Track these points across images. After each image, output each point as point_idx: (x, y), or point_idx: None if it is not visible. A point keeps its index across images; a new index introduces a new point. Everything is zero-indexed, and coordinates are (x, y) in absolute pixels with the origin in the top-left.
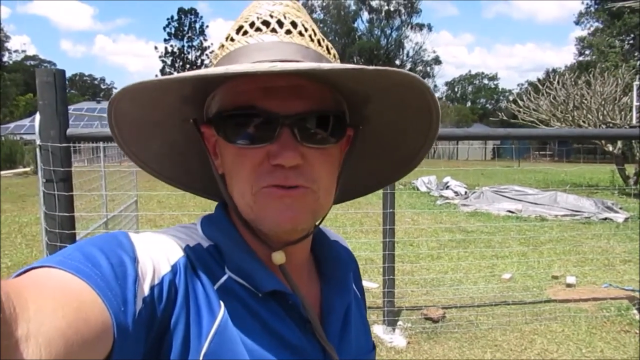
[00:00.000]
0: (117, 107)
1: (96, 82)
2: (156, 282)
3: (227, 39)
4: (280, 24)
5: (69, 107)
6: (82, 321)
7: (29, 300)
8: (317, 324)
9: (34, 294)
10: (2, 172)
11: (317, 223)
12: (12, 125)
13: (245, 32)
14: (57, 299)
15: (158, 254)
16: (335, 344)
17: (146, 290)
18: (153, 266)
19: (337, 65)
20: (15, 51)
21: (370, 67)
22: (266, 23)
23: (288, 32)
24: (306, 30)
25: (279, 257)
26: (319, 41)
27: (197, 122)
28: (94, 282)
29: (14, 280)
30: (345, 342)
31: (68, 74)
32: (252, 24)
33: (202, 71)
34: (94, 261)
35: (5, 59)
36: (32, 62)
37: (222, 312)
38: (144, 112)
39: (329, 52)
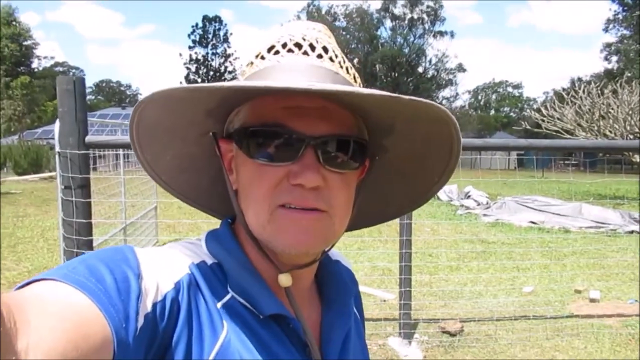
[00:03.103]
0: (143, 109)
1: (122, 88)
2: (159, 299)
3: (257, 56)
4: (312, 47)
5: (95, 112)
6: (82, 337)
7: (30, 315)
8: (315, 349)
9: (35, 308)
10: (28, 177)
11: (326, 249)
12: (40, 130)
13: (277, 52)
14: (58, 314)
15: (162, 270)
16: None
17: (149, 307)
18: (157, 283)
19: (375, 91)
20: (45, 57)
21: (406, 97)
22: (298, 45)
23: (319, 56)
24: (336, 56)
25: (285, 280)
26: (347, 69)
27: (216, 136)
28: (97, 297)
29: (15, 293)
30: None
31: (95, 80)
32: (284, 45)
33: (240, 83)
34: (97, 276)
35: (34, 65)
36: (61, 69)
37: (225, 331)
38: (168, 119)
39: (355, 81)
